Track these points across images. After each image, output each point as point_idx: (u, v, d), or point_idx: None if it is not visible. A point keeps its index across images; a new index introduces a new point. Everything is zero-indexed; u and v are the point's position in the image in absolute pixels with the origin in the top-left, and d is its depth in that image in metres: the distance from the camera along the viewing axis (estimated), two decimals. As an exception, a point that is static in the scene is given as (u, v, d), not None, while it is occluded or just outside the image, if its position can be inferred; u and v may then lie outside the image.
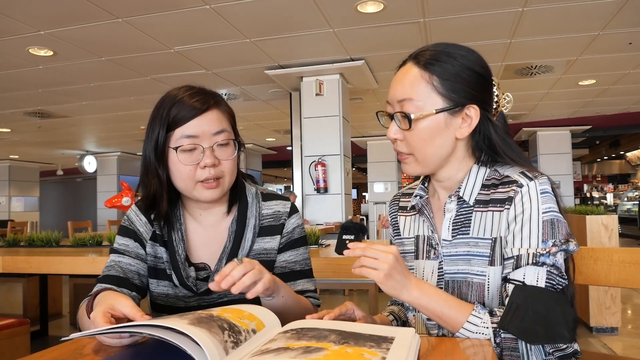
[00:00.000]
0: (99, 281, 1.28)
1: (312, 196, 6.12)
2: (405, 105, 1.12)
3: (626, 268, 1.34)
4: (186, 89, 1.27)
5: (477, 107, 1.13)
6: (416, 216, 1.30)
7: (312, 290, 1.37)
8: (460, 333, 1.03)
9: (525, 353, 1.02)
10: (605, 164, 19.43)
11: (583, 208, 4.37)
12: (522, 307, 1.00)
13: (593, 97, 8.04)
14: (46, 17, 4.24)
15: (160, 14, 4.26)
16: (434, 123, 1.12)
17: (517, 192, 1.09)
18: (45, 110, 7.93)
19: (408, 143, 1.15)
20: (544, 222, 1.06)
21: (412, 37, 4.97)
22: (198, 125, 1.22)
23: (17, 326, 2.57)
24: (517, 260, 1.05)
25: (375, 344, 0.82)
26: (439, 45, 1.17)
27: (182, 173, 1.23)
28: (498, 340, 1.00)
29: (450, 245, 1.17)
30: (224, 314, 0.89)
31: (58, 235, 3.79)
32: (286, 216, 1.38)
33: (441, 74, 1.11)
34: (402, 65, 1.18)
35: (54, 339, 4.37)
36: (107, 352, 0.90)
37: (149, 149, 1.25)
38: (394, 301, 1.43)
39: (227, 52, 5.34)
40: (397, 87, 1.15)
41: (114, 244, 1.36)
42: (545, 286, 1.02)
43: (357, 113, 8.36)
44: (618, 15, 4.50)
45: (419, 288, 1.04)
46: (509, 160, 1.16)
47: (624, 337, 4.01)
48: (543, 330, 0.98)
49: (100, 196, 13.14)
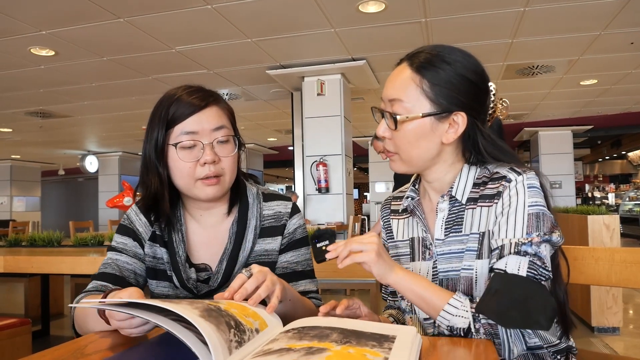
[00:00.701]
0: (94, 278, 1.27)
1: (313, 196, 6.12)
2: (395, 105, 1.13)
3: (628, 268, 1.34)
4: (184, 88, 1.27)
5: (465, 115, 1.13)
6: (409, 219, 1.31)
7: (315, 291, 1.36)
8: (441, 316, 1.04)
9: (505, 341, 1.00)
10: (606, 164, 19.41)
11: (585, 208, 4.37)
12: (500, 292, 1.00)
13: (594, 97, 8.04)
14: (48, 17, 4.24)
15: (162, 14, 4.26)
16: (420, 126, 1.13)
17: (506, 187, 1.11)
18: (46, 110, 7.94)
19: (394, 142, 1.17)
20: (529, 215, 1.07)
21: (413, 37, 4.97)
22: (197, 122, 1.21)
23: (19, 326, 2.57)
24: (500, 250, 1.06)
25: (377, 344, 0.82)
26: (436, 48, 1.17)
27: (182, 170, 1.22)
28: (477, 325, 1.00)
29: (444, 244, 1.18)
30: (230, 309, 0.88)
31: (59, 235, 3.79)
32: (287, 217, 1.37)
33: (431, 79, 1.12)
34: (398, 64, 1.19)
35: (56, 339, 4.38)
36: (108, 352, 0.90)
37: (148, 148, 1.25)
38: (390, 305, 1.44)
39: (229, 52, 5.34)
40: (389, 86, 1.17)
41: (112, 242, 1.35)
42: (527, 275, 1.02)
43: (359, 113, 8.36)
44: (620, 15, 4.50)
45: (403, 270, 1.08)
46: (499, 160, 1.18)
47: (625, 337, 4.00)
48: (519, 315, 0.97)
49: (101, 196, 13.16)
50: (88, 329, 1.10)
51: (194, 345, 0.75)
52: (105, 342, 0.96)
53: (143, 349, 0.91)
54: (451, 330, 1.03)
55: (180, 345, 0.77)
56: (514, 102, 8.38)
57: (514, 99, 8.07)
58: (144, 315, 0.83)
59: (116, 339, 0.98)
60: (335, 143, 6.07)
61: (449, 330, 1.03)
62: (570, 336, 1.21)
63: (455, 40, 5.12)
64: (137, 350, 0.91)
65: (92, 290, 1.24)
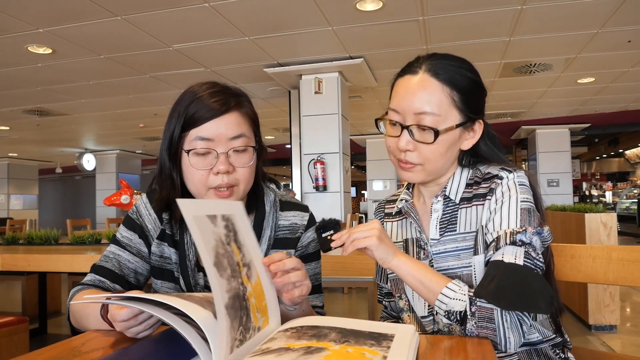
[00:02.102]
0: (93, 269, 1.25)
1: (311, 194, 6.12)
2: (425, 118, 1.11)
3: (625, 266, 1.35)
4: (208, 86, 1.21)
5: (482, 121, 1.19)
6: (402, 221, 1.33)
7: (320, 306, 1.34)
8: (439, 300, 1.04)
9: (501, 327, 0.99)
10: (604, 162, 19.46)
11: (582, 206, 4.37)
12: (498, 278, 1.01)
13: (592, 95, 8.05)
14: (45, 14, 4.23)
15: (159, 12, 4.25)
16: (452, 137, 1.15)
17: (498, 184, 1.14)
18: (44, 108, 7.92)
19: (421, 154, 1.15)
20: (521, 210, 1.10)
21: (411, 35, 4.97)
22: (214, 128, 1.15)
23: (16, 324, 2.57)
24: (496, 242, 1.08)
25: (375, 342, 0.82)
26: (447, 57, 1.17)
27: (193, 177, 1.17)
28: (474, 309, 1.00)
29: (439, 243, 1.20)
30: (251, 298, 0.86)
31: (57, 233, 3.79)
32: (302, 229, 1.33)
33: (460, 89, 1.13)
34: (411, 74, 1.16)
35: (53, 337, 4.37)
36: (106, 351, 0.90)
37: (164, 146, 1.20)
38: (385, 316, 1.45)
39: (226, 50, 5.34)
40: (414, 98, 1.13)
41: (117, 234, 1.30)
42: (524, 264, 1.03)
43: (356, 111, 8.37)
44: (617, 13, 4.50)
45: (404, 255, 1.10)
46: (490, 162, 1.23)
47: (622, 335, 4.01)
48: (517, 298, 0.98)
49: (99, 194, 13.16)
50: (87, 326, 1.09)
51: (196, 343, 0.75)
52: (102, 341, 0.96)
53: (141, 347, 0.91)
54: (448, 317, 1.03)
55: (180, 341, 0.77)
56: (512, 101, 8.39)
57: (512, 97, 8.08)
58: (147, 308, 0.83)
59: (113, 337, 0.98)
60: (333, 141, 6.07)
61: (447, 316, 1.03)
62: (564, 331, 1.22)
63: (453, 39, 5.12)
64: (134, 348, 0.91)
65: (89, 284, 1.23)
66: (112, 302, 0.91)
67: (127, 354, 0.87)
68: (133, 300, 0.86)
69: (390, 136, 1.18)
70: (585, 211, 4.10)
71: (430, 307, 1.19)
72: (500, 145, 1.27)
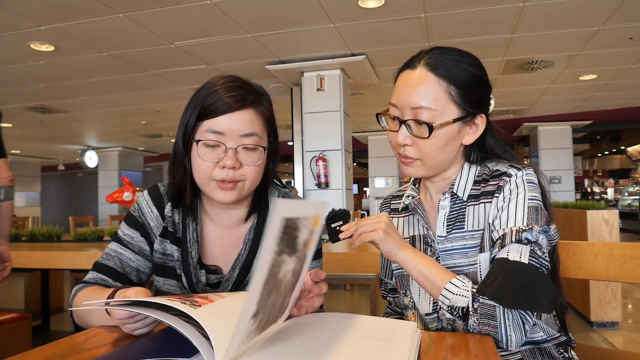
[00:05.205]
0: (95, 267, 1.26)
1: (313, 191, 6.12)
2: (422, 113, 1.11)
3: (627, 263, 1.35)
4: (228, 80, 1.22)
5: (484, 116, 1.18)
6: (409, 217, 1.32)
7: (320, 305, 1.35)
8: (442, 295, 1.05)
9: (502, 324, 0.98)
10: (606, 159, 19.41)
11: (584, 203, 4.37)
12: (502, 276, 1.01)
13: (594, 92, 8.03)
14: (47, 12, 4.23)
15: (161, 9, 4.25)
16: (450, 132, 1.14)
17: (507, 182, 1.13)
18: (46, 105, 7.93)
19: (419, 149, 1.15)
20: (529, 208, 1.09)
21: (413, 32, 4.96)
22: (227, 122, 1.15)
23: (19, 321, 2.58)
24: (502, 239, 1.08)
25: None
26: (447, 51, 1.16)
27: (199, 167, 1.18)
28: (476, 305, 1.00)
29: (446, 240, 1.19)
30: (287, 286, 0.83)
31: (59, 230, 3.80)
32: None
33: (458, 84, 1.12)
34: (411, 69, 1.16)
35: (56, 334, 4.39)
36: (109, 347, 0.90)
37: (179, 134, 1.21)
38: (389, 312, 1.45)
39: (228, 47, 5.33)
40: (411, 93, 1.13)
41: (118, 231, 1.30)
42: (529, 263, 1.02)
43: (358, 108, 8.35)
44: (619, 10, 4.49)
45: (411, 248, 1.10)
46: (500, 158, 1.21)
47: (624, 331, 4.02)
48: (520, 297, 0.97)
49: (101, 191, 13.16)
50: (91, 323, 1.10)
51: (197, 341, 0.75)
52: (105, 337, 0.97)
53: (143, 344, 0.91)
54: (451, 312, 1.03)
55: (182, 339, 0.77)
56: (513, 98, 8.38)
57: (514, 94, 8.06)
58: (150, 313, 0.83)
59: (116, 334, 0.98)
60: (335, 138, 6.06)
61: (449, 311, 1.03)
62: (568, 330, 1.22)
63: (455, 36, 5.11)
64: (137, 344, 0.91)
65: (91, 282, 1.23)
66: (111, 307, 0.91)
67: (129, 350, 0.87)
68: (132, 305, 0.87)
69: (391, 131, 1.19)
70: (587, 208, 4.10)
71: (435, 305, 1.19)
72: (502, 142, 1.27)
